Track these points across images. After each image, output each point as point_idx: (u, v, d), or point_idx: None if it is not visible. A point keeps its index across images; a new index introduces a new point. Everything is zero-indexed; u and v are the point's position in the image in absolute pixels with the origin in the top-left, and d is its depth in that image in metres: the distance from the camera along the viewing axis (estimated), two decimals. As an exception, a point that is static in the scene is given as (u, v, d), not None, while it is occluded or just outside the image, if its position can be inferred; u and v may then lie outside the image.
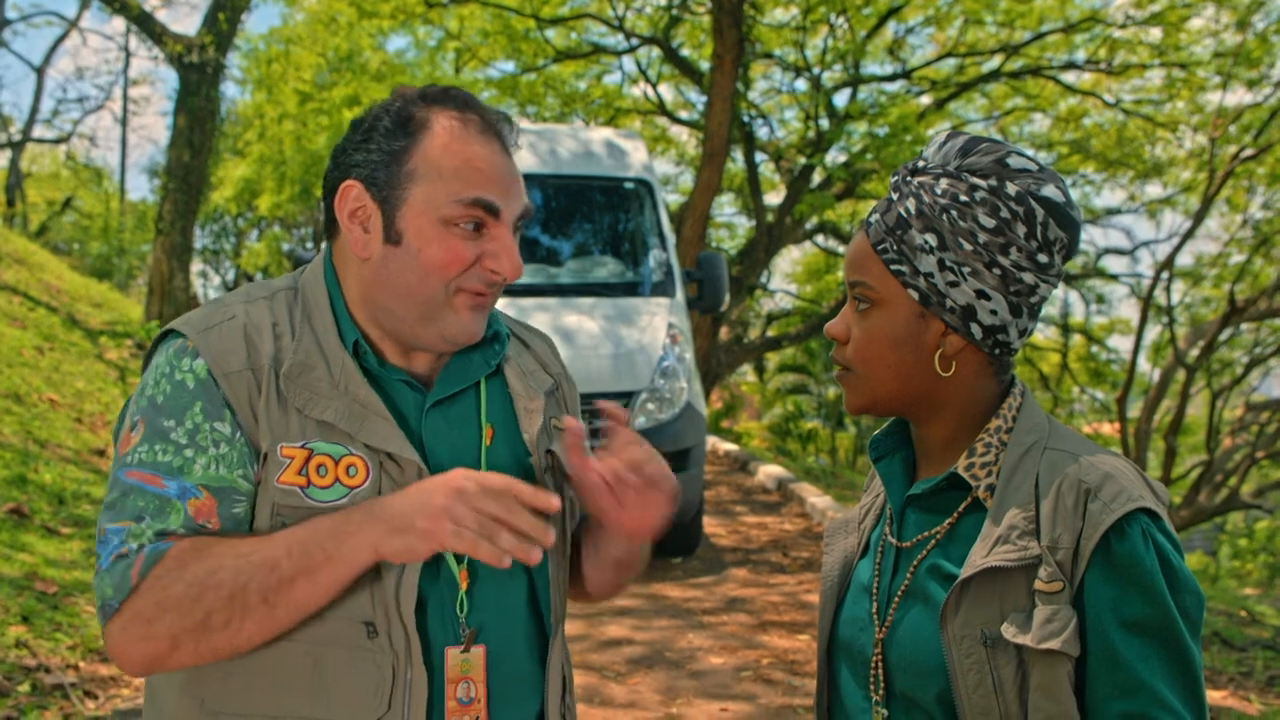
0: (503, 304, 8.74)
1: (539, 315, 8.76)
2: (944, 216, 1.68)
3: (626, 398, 8.42)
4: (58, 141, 35.04)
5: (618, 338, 8.68)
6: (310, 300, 1.84)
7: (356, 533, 1.65)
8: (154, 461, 1.70)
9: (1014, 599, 1.61)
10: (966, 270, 1.67)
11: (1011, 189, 1.67)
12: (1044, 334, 28.07)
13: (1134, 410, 20.38)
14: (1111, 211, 25.14)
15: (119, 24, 34.30)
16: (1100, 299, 26.08)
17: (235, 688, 1.71)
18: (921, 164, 1.75)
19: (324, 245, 1.94)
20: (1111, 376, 25.31)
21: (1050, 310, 27.11)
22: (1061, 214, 1.69)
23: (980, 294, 1.67)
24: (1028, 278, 1.69)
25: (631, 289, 9.34)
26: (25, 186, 33.16)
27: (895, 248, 1.70)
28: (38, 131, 34.39)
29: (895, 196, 1.73)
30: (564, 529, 1.95)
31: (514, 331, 2.05)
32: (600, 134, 10.94)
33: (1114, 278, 25.40)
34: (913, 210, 1.70)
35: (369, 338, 1.84)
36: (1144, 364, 24.13)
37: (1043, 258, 1.69)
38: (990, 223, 1.66)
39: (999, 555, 1.61)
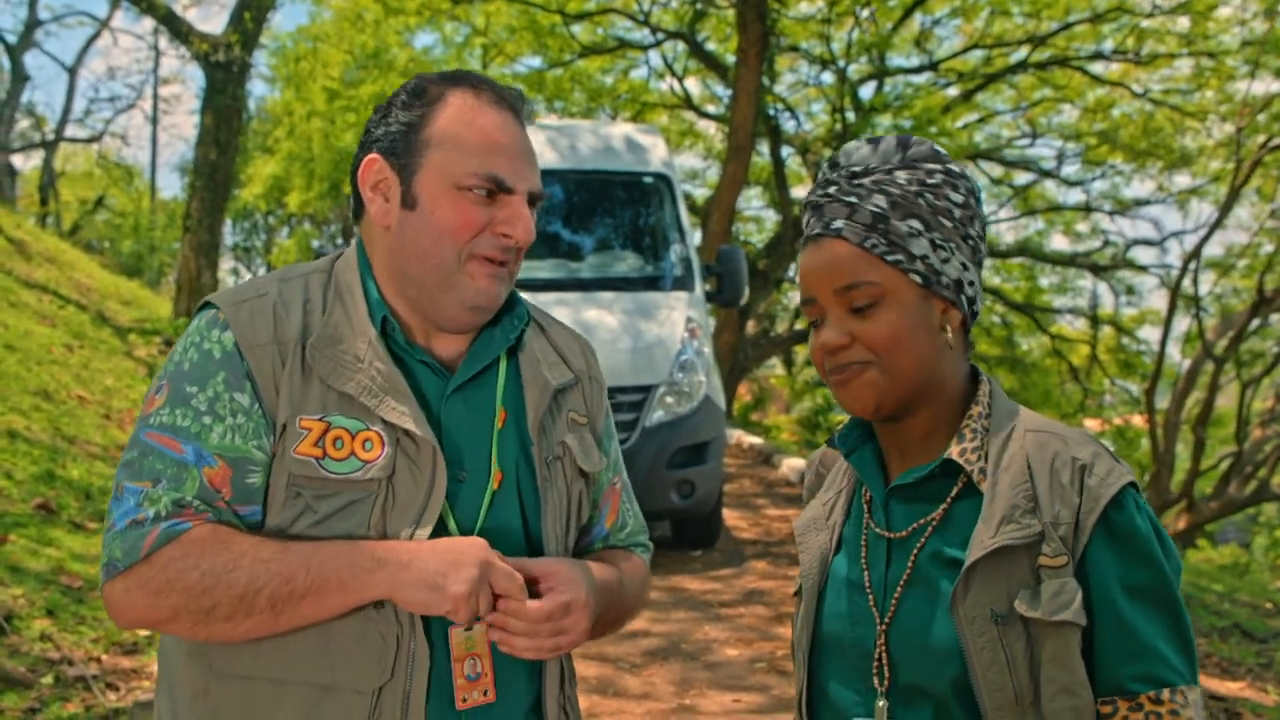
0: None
1: (559, 310, 8.79)
2: (920, 200, 1.73)
3: (645, 391, 8.45)
4: (90, 141, 35.31)
5: (637, 332, 8.72)
6: (342, 281, 1.91)
7: (377, 571, 1.72)
8: (174, 425, 1.77)
9: (1019, 576, 1.66)
10: (952, 245, 1.74)
11: (955, 169, 1.77)
12: (1074, 325, 27.92)
13: (1164, 401, 20.27)
14: (1140, 202, 24.99)
15: (149, 24, 34.58)
16: (1130, 290, 25.88)
17: (243, 650, 1.77)
18: (859, 168, 1.77)
19: (356, 231, 2.00)
20: (1142, 368, 25.13)
21: (1079, 301, 26.97)
22: (980, 192, 1.83)
23: (963, 266, 1.76)
24: (982, 247, 1.81)
25: (651, 283, 9.37)
26: (58, 185, 33.47)
27: (884, 240, 1.72)
28: (70, 131, 34.77)
29: (854, 200, 1.74)
30: (568, 522, 1.99)
31: (535, 318, 2.08)
32: (620, 129, 10.96)
33: (1143, 269, 25.24)
34: (885, 204, 1.73)
35: (397, 316, 1.89)
36: (1176, 355, 24.01)
37: (984, 229, 1.82)
38: (959, 199, 1.75)
39: (1006, 535, 1.66)
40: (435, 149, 1.84)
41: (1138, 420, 25.95)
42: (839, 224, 1.74)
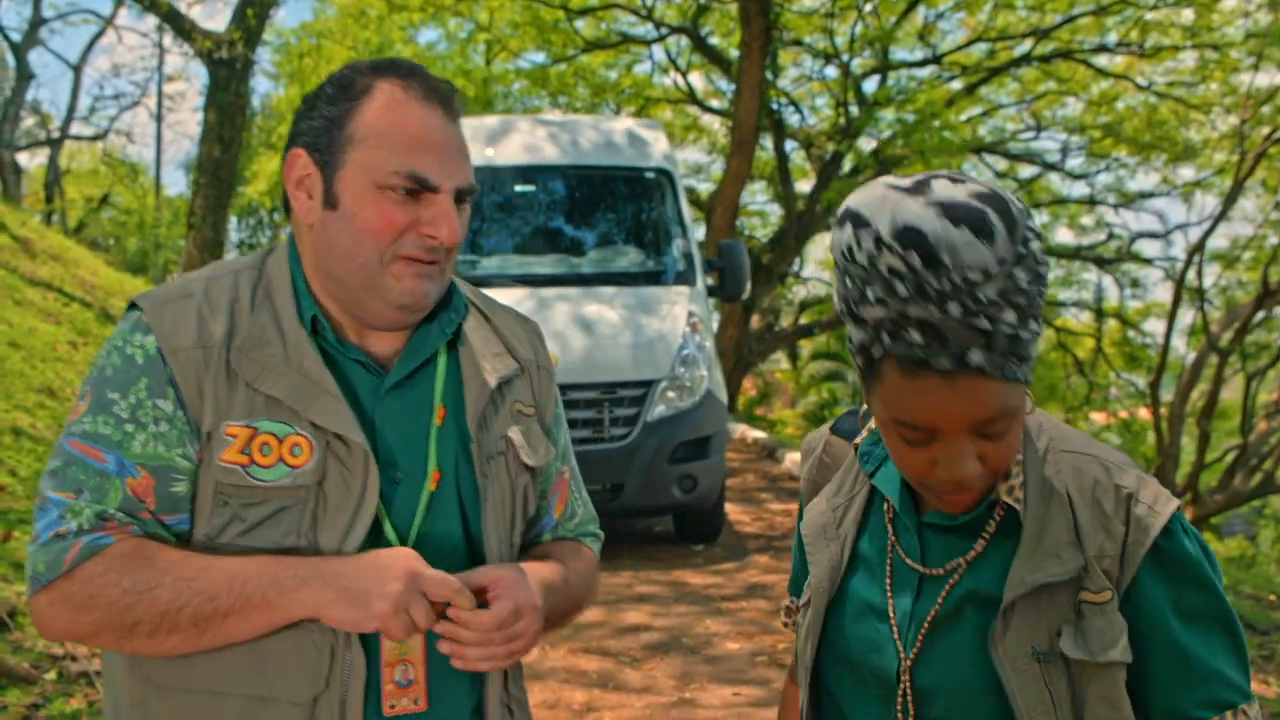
0: (524, 294, 8.83)
1: (560, 305, 8.83)
2: (1037, 299, 1.52)
3: (646, 386, 8.47)
4: (95, 138, 35.31)
5: (638, 326, 8.74)
6: (272, 278, 1.84)
7: (301, 588, 1.67)
8: (95, 433, 1.72)
9: (1060, 612, 1.61)
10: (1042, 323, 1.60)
11: (1036, 225, 1.55)
12: (1079, 319, 27.93)
13: (1170, 394, 20.27)
14: (1145, 195, 24.99)
15: (153, 21, 34.62)
16: (1135, 283, 25.91)
17: (178, 664, 1.73)
18: (977, 275, 1.45)
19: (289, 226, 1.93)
20: (1147, 361, 25.10)
21: (1084, 295, 26.99)
22: None
23: None
24: None
25: (652, 278, 9.38)
26: (64, 183, 33.52)
27: (1017, 360, 1.51)
28: (75, 128, 34.69)
29: (987, 326, 1.46)
30: (512, 519, 1.93)
31: (480, 306, 2.02)
32: (621, 124, 10.99)
33: (1148, 262, 25.25)
34: (1015, 320, 1.48)
35: (327, 314, 1.83)
36: (1183, 348, 23.98)
37: None
38: (1047, 272, 1.56)
39: (1047, 572, 1.59)
40: (358, 147, 1.76)
41: (1144, 414, 25.95)
42: (977, 358, 1.47)
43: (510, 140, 9.99)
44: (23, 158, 34.67)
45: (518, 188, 9.78)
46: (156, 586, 1.66)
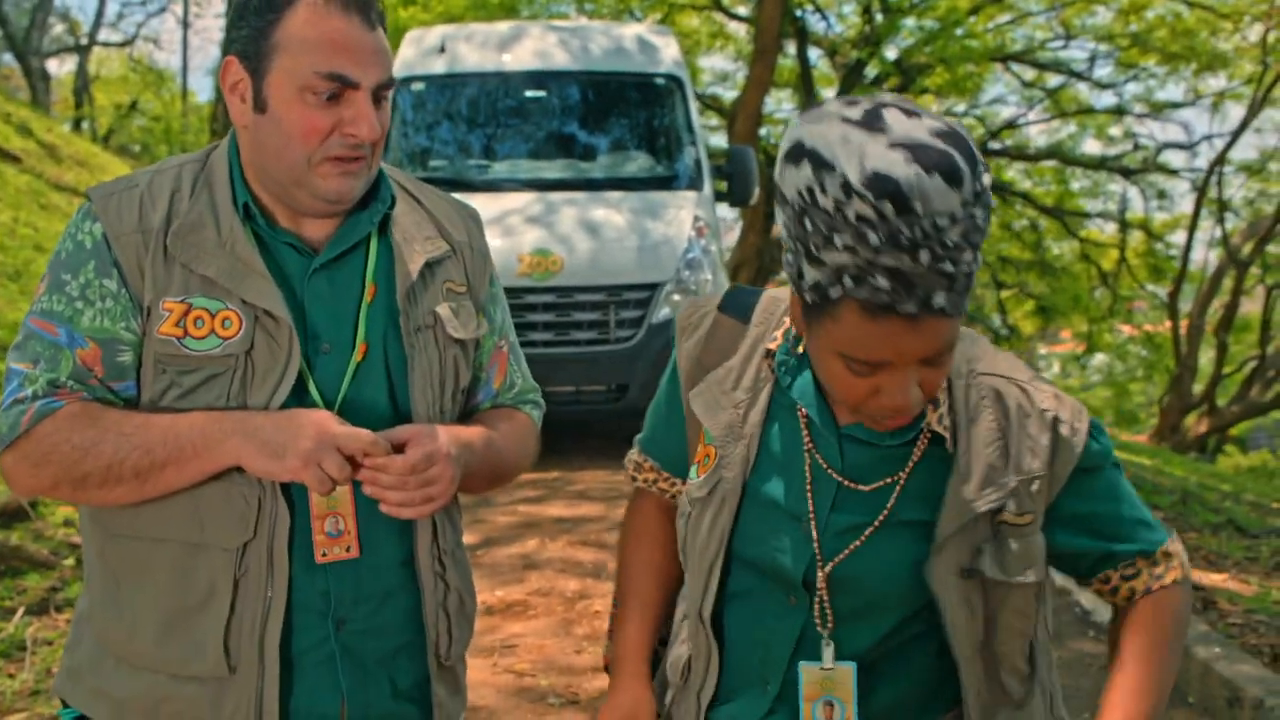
0: (532, 198, 8.94)
1: (567, 209, 8.92)
2: (987, 229, 1.52)
3: (651, 289, 8.56)
4: (123, 45, 35.34)
5: (644, 230, 8.80)
6: (214, 169, 2.00)
7: (225, 440, 1.85)
8: (51, 310, 1.92)
9: (981, 532, 1.68)
10: None
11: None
12: (1104, 230, 27.73)
13: (1190, 307, 20.24)
14: (1173, 105, 24.69)
15: (181, -75, 34.42)
16: (1161, 194, 25.64)
17: (127, 513, 1.93)
18: (944, 219, 1.45)
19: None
20: (1172, 272, 24.99)
21: (1109, 206, 26.78)
22: None
23: None
24: None
25: (660, 183, 9.43)
26: (93, 90, 33.58)
27: (967, 298, 1.54)
28: (103, 35, 34.73)
29: (950, 269, 1.47)
30: (441, 389, 2.07)
31: (413, 194, 2.16)
32: (631, 30, 10.99)
33: (1174, 173, 25.01)
34: (972, 258, 1.50)
35: (260, 202, 1.98)
36: (1212, 259, 23.83)
37: None
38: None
39: (985, 499, 1.67)
40: (282, 54, 1.89)
41: (1169, 325, 25.89)
42: (940, 300, 1.49)
43: (521, 45, 10.02)
44: (52, 64, 34.65)
45: (527, 93, 9.84)
46: (100, 442, 1.86)
